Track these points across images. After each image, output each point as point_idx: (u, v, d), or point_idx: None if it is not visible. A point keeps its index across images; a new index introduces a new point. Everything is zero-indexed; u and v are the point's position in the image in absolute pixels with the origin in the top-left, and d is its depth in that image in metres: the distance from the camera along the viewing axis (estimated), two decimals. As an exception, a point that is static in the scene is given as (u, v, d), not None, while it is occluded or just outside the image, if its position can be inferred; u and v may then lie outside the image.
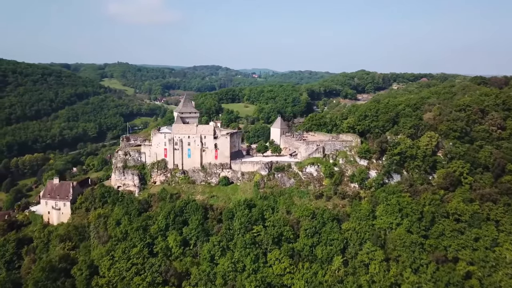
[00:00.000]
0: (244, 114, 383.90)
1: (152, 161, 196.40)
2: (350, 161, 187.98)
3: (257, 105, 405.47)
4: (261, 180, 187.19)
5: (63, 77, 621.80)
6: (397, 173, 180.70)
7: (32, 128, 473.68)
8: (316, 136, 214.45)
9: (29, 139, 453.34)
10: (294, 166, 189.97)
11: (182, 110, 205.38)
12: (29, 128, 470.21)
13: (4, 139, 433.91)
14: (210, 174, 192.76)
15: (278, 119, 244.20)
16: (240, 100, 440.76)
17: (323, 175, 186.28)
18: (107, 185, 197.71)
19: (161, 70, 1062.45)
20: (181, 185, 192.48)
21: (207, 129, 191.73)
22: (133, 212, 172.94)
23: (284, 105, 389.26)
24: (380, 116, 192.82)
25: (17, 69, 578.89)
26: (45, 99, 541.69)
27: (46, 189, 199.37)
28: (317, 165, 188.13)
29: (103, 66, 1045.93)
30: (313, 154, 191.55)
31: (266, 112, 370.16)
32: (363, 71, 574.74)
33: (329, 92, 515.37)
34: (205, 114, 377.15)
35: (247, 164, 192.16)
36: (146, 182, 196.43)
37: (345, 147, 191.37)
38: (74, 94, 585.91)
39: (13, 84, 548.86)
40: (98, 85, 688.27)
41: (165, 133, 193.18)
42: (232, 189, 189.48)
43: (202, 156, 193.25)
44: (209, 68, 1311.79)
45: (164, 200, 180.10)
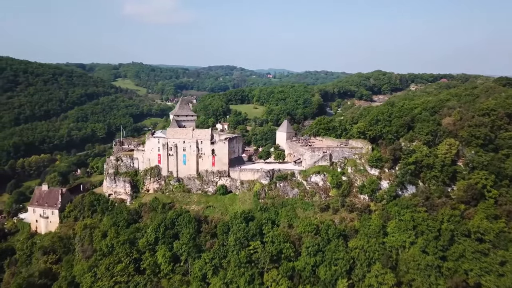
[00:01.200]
0: (252, 115, 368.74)
1: (145, 168, 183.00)
2: (360, 170, 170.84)
3: (267, 106, 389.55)
4: (262, 190, 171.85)
5: (74, 77, 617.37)
6: (411, 185, 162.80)
7: (40, 128, 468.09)
8: (324, 142, 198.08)
9: (36, 139, 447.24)
10: (298, 174, 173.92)
11: (177, 112, 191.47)
12: (37, 129, 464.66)
13: (11, 139, 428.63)
14: (207, 182, 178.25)
15: (285, 122, 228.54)
16: (249, 101, 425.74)
17: (330, 185, 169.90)
18: (98, 193, 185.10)
19: (175, 70, 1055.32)
20: (175, 193, 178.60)
21: (203, 134, 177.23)
22: (121, 224, 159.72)
23: (295, 107, 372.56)
24: (394, 120, 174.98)
25: (28, 69, 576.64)
26: (54, 99, 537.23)
27: (34, 196, 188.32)
28: (323, 174, 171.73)
29: (117, 66, 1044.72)
30: (319, 161, 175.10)
31: (276, 114, 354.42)
32: (379, 71, 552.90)
33: (343, 93, 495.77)
34: (212, 115, 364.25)
35: (247, 172, 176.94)
36: (139, 190, 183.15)
37: (355, 155, 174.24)
38: (85, 94, 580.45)
39: (23, 84, 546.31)
40: (109, 85, 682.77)
41: (158, 137, 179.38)
42: (230, 199, 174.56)
43: (199, 163, 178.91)
44: (223, 68, 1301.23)
45: (156, 210, 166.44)
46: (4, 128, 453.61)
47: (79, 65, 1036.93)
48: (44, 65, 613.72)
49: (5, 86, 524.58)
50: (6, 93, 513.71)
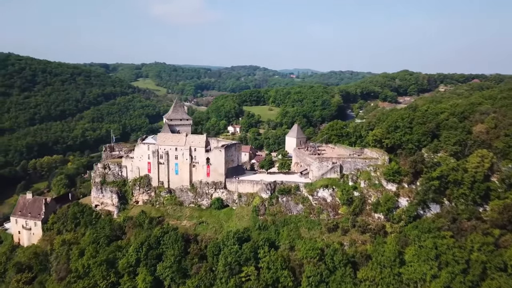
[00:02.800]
0: (266, 118, 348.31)
1: (134, 177, 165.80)
2: (375, 184, 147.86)
3: (282, 108, 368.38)
4: (261, 205, 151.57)
5: (92, 77, 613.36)
6: (435, 203, 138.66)
7: (54, 128, 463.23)
8: (336, 150, 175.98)
9: (50, 140, 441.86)
10: (304, 188, 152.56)
11: (171, 116, 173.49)
12: (51, 129, 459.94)
13: (24, 139, 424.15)
14: (201, 195, 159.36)
15: (295, 127, 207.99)
16: (265, 103, 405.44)
17: (339, 201, 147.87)
18: (85, 203, 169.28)
19: (196, 70, 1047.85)
20: (166, 206, 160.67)
21: (197, 140, 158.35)
22: (101, 240, 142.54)
23: (312, 109, 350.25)
24: (416, 127, 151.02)
25: (47, 69, 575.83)
26: (71, 99, 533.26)
27: (17, 204, 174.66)
28: (332, 188, 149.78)
29: (140, 66, 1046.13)
30: (327, 173, 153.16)
31: (291, 116, 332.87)
32: (405, 71, 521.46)
33: (366, 94, 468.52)
34: (224, 117, 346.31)
35: (246, 183, 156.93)
36: (127, 201, 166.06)
37: (369, 166, 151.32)
38: (101, 94, 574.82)
39: (41, 83, 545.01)
40: (127, 85, 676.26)
41: (148, 144, 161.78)
42: (226, 215, 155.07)
43: (192, 173, 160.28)
44: (246, 68, 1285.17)
45: (142, 226, 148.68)
46: (19, 128, 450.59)
47: (103, 65, 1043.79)
48: (63, 65, 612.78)
49: (23, 85, 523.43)
50: (24, 93, 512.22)
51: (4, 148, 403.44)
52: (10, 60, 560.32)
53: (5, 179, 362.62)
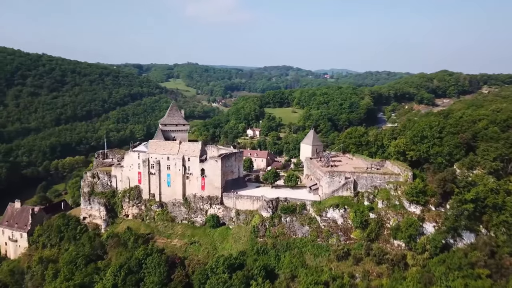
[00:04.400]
0: (289, 120, 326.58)
1: (124, 188, 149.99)
2: (395, 205, 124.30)
3: (306, 110, 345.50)
4: (261, 225, 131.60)
5: (120, 77, 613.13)
6: (469, 232, 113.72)
7: (79, 129, 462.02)
8: (354, 161, 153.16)
9: (73, 140, 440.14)
10: (311, 207, 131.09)
11: (165, 120, 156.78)
12: (75, 129, 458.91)
13: (48, 140, 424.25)
14: (195, 210, 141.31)
15: (310, 133, 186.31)
16: (289, 104, 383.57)
17: (352, 224, 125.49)
18: (73, 215, 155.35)
19: (228, 70, 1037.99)
20: (157, 222, 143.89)
21: (192, 149, 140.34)
22: (79, 261, 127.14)
23: (338, 111, 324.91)
24: (447, 138, 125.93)
25: (76, 69, 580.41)
26: (98, 100, 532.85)
27: (5, 213, 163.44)
28: (344, 208, 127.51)
29: (172, 67, 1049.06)
30: (339, 190, 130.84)
31: (314, 119, 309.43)
32: (445, 71, 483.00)
33: (400, 96, 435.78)
34: (243, 120, 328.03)
35: (245, 199, 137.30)
36: (117, 214, 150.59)
37: (388, 183, 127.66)
38: (128, 94, 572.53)
39: (70, 84, 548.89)
40: (155, 85, 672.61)
41: (139, 152, 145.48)
42: (221, 234, 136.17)
43: (185, 185, 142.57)
44: (279, 68, 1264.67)
45: (126, 244, 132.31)
46: (45, 128, 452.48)
47: (137, 66, 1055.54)
48: (92, 65, 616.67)
49: (52, 86, 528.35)
50: (52, 93, 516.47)
51: (28, 148, 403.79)
52: (42, 61, 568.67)
53: (27, 179, 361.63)
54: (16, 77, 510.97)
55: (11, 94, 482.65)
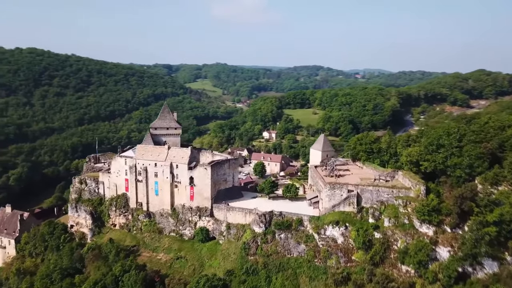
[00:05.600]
0: (308, 122, 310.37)
1: (111, 195, 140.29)
2: (404, 224, 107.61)
3: (328, 111, 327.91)
4: (253, 241, 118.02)
5: (145, 78, 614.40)
6: (491, 259, 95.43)
7: (101, 129, 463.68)
8: (363, 170, 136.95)
9: (95, 140, 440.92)
10: (308, 222, 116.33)
11: (156, 124, 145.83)
12: (98, 129, 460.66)
13: (70, 140, 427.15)
14: (183, 222, 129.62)
15: (321, 137, 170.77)
16: (310, 105, 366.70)
17: (354, 244, 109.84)
18: (61, 222, 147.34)
19: (256, 71, 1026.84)
20: (143, 233, 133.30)
21: (180, 155, 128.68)
22: (54, 275, 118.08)
23: (361, 113, 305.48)
24: (468, 147, 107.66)
25: (102, 69, 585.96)
26: (121, 100, 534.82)
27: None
28: (345, 225, 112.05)
29: (201, 67, 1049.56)
30: (340, 205, 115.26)
31: (334, 122, 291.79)
32: (481, 71, 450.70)
33: (431, 97, 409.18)
34: (260, 122, 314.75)
35: (236, 212, 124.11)
36: (104, 223, 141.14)
37: (397, 199, 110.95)
38: (152, 94, 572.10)
39: (95, 84, 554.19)
40: (180, 85, 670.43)
41: (126, 157, 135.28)
42: (210, 250, 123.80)
43: (174, 194, 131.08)
44: (309, 68, 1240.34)
45: (106, 258, 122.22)
46: (68, 128, 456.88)
47: (166, 66, 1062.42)
48: (118, 66, 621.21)
49: (78, 86, 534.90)
50: (78, 93, 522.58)
51: (50, 148, 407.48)
52: (69, 61, 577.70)
53: (48, 179, 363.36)
54: (43, 78, 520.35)
55: (37, 94, 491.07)
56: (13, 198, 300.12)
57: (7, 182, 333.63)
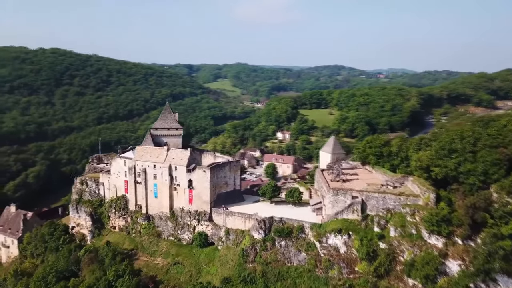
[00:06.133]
0: (323, 123, 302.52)
1: (111, 197, 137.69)
2: (411, 235, 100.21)
3: (344, 112, 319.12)
4: (252, 248, 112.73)
5: (164, 77, 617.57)
6: (506, 276, 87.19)
7: (119, 128, 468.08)
8: (372, 174, 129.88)
9: (112, 139, 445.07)
10: (310, 230, 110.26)
11: (157, 124, 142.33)
12: (116, 128, 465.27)
13: (89, 138, 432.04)
14: (182, 226, 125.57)
15: (331, 139, 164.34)
16: (327, 106, 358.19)
17: (357, 254, 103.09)
18: (62, 223, 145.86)
19: (276, 70, 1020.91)
20: (142, 237, 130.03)
21: (179, 156, 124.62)
22: (50, 277, 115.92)
23: (379, 114, 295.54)
24: (483, 152, 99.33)
25: (122, 69, 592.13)
26: (140, 99, 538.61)
27: (1, 217, 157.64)
28: (348, 234, 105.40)
29: (221, 67, 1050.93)
30: (343, 212, 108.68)
31: (350, 123, 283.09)
32: (508, 70, 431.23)
33: (455, 98, 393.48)
34: (274, 122, 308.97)
35: (235, 217, 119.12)
36: (104, 225, 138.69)
37: (404, 207, 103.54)
38: (170, 94, 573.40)
39: (115, 83, 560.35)
40: (198, 85, 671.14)
41: (125, 158, 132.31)
42: (208, 256, 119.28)
43: (173, 197, 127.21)
44: (330, 68, 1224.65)
45: (102, 262, 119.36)
46: (87, 126, 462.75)
47: (187, 66, 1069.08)
48: (137, 65, 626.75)
49: (98, 85, 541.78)
50: (97, 93, 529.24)
51: (69, 146, 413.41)
52: (90, 61, 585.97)
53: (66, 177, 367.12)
54: (64, 77, 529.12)
55: (58, 94, 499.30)
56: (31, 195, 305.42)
57: (26, 179, 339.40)
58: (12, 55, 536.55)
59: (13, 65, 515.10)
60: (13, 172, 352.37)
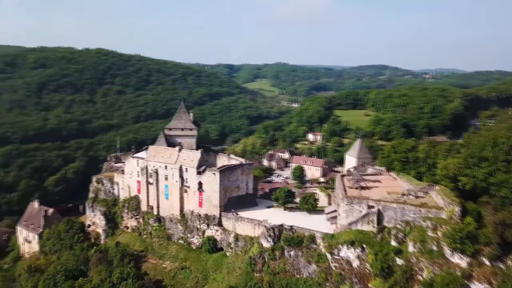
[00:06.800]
0: (358, 124, 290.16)
1: (125, 197, 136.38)
2: (431, 251, 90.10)
3: (381, 113, 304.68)
4: (260, 257, 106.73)
5: (202, 77, 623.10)
6: (541, 306, 75.78)
7: (156, 127, 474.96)
8: (397, 182, 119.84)
9: (149, 138, 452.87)
10: (321, 240, 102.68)
11: (171, 124, 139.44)
12: (152, 127, 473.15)
13: (126, 136, 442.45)
14: (191, 230, 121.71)
15: (357, 143, 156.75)
16: (363, 106, 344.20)
17: (371, 269, 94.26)
18: (79, 221, 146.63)
19: (316, 70, 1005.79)
20: (153, 238, 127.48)
21: (190, 158, 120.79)
22: (59, 276, 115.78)
23: (417, 116, 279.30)
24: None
25: (161, 68, 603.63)
26: (177, 99, 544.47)
27: (25, 213, 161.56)
28: (362, 246, 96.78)
29: (261, 67, 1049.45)
30: (358, 223, 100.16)
31: (385, 125, 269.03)
32: None
33: (504, 100, 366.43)
34: (305, 123, 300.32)
35: (245, 222, 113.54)
36: (118, 225, 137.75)
37: (425, 220, 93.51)
38: (207, 94, 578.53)
39: (154, 82, 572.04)
40: (236, 85, 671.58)
41: (138, 158, 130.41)
42: (216, 262, 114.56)
43: (183, 199, 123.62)
44: (374, 67, 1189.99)
45: (111, 262, 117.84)
46: (126, 125, 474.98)
47: (228, 66, 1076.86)
48: (177, 65, 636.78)
49: (137, 85, 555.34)
50: (137, 91, 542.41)
51: (107, 144, 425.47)
52: (131, 61, 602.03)
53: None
54: (107, 77, 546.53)
55: (100, 92, 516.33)
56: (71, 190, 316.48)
57: (65, 175, 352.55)
58: (59, 55, 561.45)
59: (59, 65, 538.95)
60: (54, 167, 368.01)
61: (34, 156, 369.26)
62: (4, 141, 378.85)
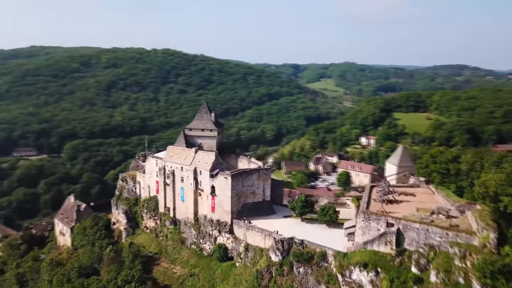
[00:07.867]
0: (415, 129, 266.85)
1: (145, 197, 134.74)
2: (457, 284, 75.34)
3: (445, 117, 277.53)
4: (267, 271, 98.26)
5: (263, 77, 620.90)
6: None
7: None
8: (434, 196, 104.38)
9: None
10: (333, 259, 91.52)
11: (192, 124, 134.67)
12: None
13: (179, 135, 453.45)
14: (204, 235, 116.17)
15: (399, 150, 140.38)
16: (426, 109, 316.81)
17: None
18: (106, 218, 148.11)
19: (385, 70, 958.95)
20: (168, 241, 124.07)
21: (205, 160, 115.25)
22: (72, 272, 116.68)
23: (486, 121, 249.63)
24: None
25: (223, 68, 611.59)
26: (236, 98, 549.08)
27: (62, 206, 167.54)
28: (376, 270, 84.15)
29: (327, 66, 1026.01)
30: (374, 242, 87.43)
31: (447, 130, 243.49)
32: None
33: None
34: (359, 125, 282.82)
35: (256, 232, 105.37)
36: (138, 224, 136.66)
37: (453, 245, 78.55)
38: (267, 94, 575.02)
39: (216, 82, 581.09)
40: (296, 85, 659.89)
41: (157, 158, 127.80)
42: (224, 272, 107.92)
43: (197, 203, 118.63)
44: (451, 67, 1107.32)
45: (123, 263, 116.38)
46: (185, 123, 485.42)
47: (293, 66, 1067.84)
48: (238, 65, 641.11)
49: (199, 84, 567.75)
50: (199, 91, 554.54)
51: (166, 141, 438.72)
52: (195, 61, 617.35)
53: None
54: (170, 76, 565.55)
55: (163, 91, 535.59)
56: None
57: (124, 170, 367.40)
58: (129, 55, 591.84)
59: (129, 65, 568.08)
60: (116, 162, 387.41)
61: (98, 150, 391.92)
62: (73, 135, 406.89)
